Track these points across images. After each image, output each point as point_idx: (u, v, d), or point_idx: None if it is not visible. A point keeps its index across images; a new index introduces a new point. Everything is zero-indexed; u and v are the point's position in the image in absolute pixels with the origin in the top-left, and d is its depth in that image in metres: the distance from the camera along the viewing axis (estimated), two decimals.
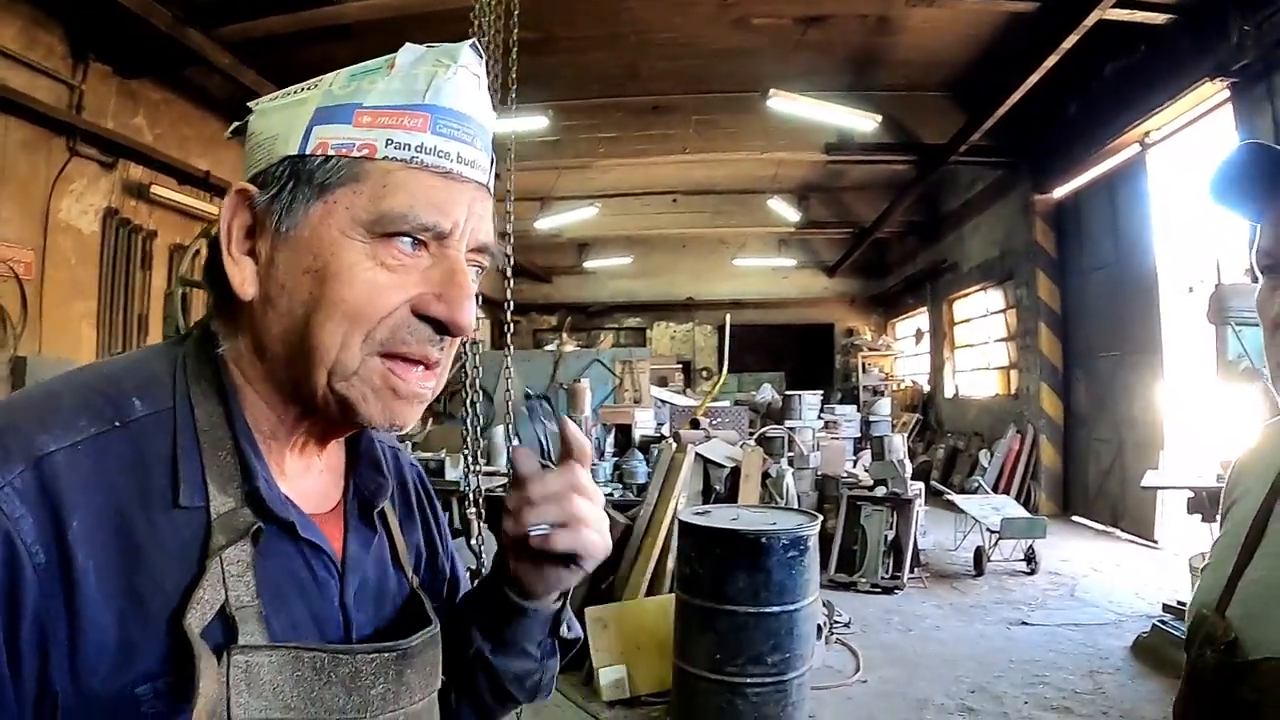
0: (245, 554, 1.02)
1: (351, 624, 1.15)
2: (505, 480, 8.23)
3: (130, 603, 0.95)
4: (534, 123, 12.95)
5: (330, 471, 1.24)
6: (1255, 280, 1.48)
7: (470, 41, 1.14)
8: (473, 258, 1.13)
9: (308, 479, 1.19)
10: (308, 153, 1.05)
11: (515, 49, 4.00)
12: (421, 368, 1.10)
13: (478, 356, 3.75)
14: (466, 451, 3.82)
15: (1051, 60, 10.36)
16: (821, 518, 6.30)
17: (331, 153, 1.05)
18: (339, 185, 1.04)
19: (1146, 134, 11.61)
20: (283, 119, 1.09)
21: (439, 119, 1.07)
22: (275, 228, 1.06)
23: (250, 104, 1.14)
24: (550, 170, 16.15)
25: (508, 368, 4.36)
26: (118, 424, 1.01)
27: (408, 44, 1.10)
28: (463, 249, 1.10)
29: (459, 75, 1.09)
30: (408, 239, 1.06)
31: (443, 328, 1.09)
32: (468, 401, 3.63)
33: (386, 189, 1.04)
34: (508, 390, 4.29)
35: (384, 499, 1.27)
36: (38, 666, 0.91)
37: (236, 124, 1.15)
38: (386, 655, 1.11)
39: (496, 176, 1.22)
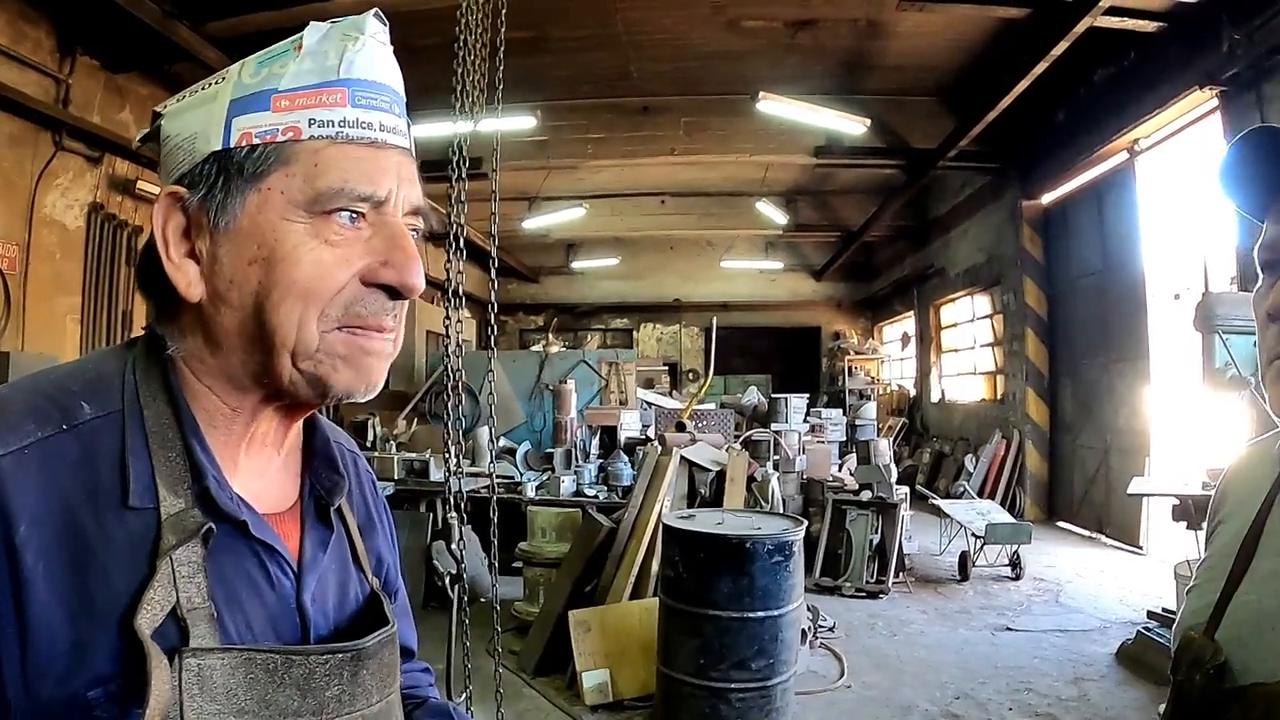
0: (196, 555, 1.01)
1: (309, 625, 1.14)
2: (489, 482, 8.20)
3: (81, 604, 0.95)
4: (521, 122, 12.92)
5: (286, 471, 1.24)
6: (1242, 288, 1.46)
7: (374, 10, 1.14)
8: (409, 221, 1.15)
9: (263, 479, 1.19)
10: (232, 145, 1.06)
11: (503, 48, 3.96)
12: (376, 332, 1.12)
13: (460, 358, 3.71)
14: (448, 453, 3.78)
15: (1041, 67, 10.35)
16: (807, 522, 6.29)
17: (256, 141, 1.06)
18: (270, 172, 1.06)
19: (1135, 141, 11.64)
20: (198, 117, 1.09)
21: (356, 91, 1.09)
22: (213, 225, 1.07)
23: (157, 108, 1.15)
24: (539, 170, 16.11)
25: (490, 370, 4.32)
26: (65, 427, 1.01)
27: (312, 23, 1.11)
28: (400, 214, 1.12)
29: (369, 46, 1.11)
30: (346, 213, 1.08)
31: (395, 293, 1.11)
32: (449, 403, 3.58)
33: (318, 167, 1.06)
34: (491, 392, 4.23)
35: (340, 496, 1.27)
36: None
37: (145, 131, 1.17)
38: (341, 656, 1.11)
39: (484, 175, 1.29)
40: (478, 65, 3.66)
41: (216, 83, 1.10)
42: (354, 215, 1.08)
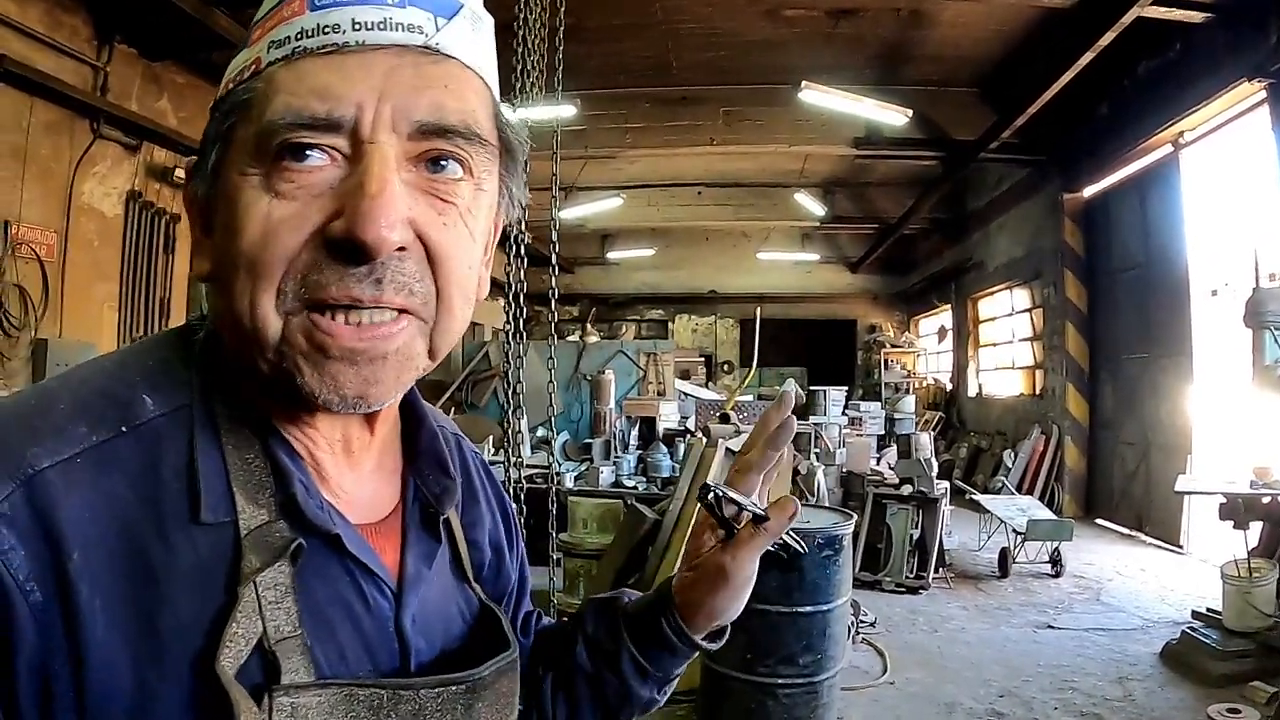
0: (284, 576, 0.84)
1: (410, 652, 0.97)
2: (534, 471, 8.17)
3: (145, 643, 0.78)
4: (562, 111, 12.88)
5: (382, 471, 1.04)
6: None
7: None
8: (431, 146, 0.87)
9: (354, 482, 1.00)
10: (220, 99, 0.90)
11: (562, 28, 3.94)
12: (363, 313, 0.85)
13: (508, 346, 3.68)
14: (507, 443, 3.75)
15: (1087, 57, 10.23)
16: (856, 516, 6.24)
17: (232, 87, 0.88)
18: (234, 120, 0.86)
19: (1180, 134, 11.50)
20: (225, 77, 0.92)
21: None
22: (203, 194, 0.91)
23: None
24: (576, 160, 16.09)
25: (551, 357, 4.29)
26: (124, 429, 0.84)
27: None
28: (387, 139, 0.84)
29: None
30: (299, 151, 0.82)
31: (353, 252, 0.82)
32: (509, 390, 3.55)
33: (267, 99, 0.83)
34: (551, 380, 4.20)
35: (451, 504, 1.08)
36: None
37: None
38: (455, 689, 0.94)
39: (525, 163, 1.02)
40: (538, 45, 3.64)
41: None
42: (309, 150, 0.82)
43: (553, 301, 4.15)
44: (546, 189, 4.21)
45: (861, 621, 7.79)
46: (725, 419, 10.46)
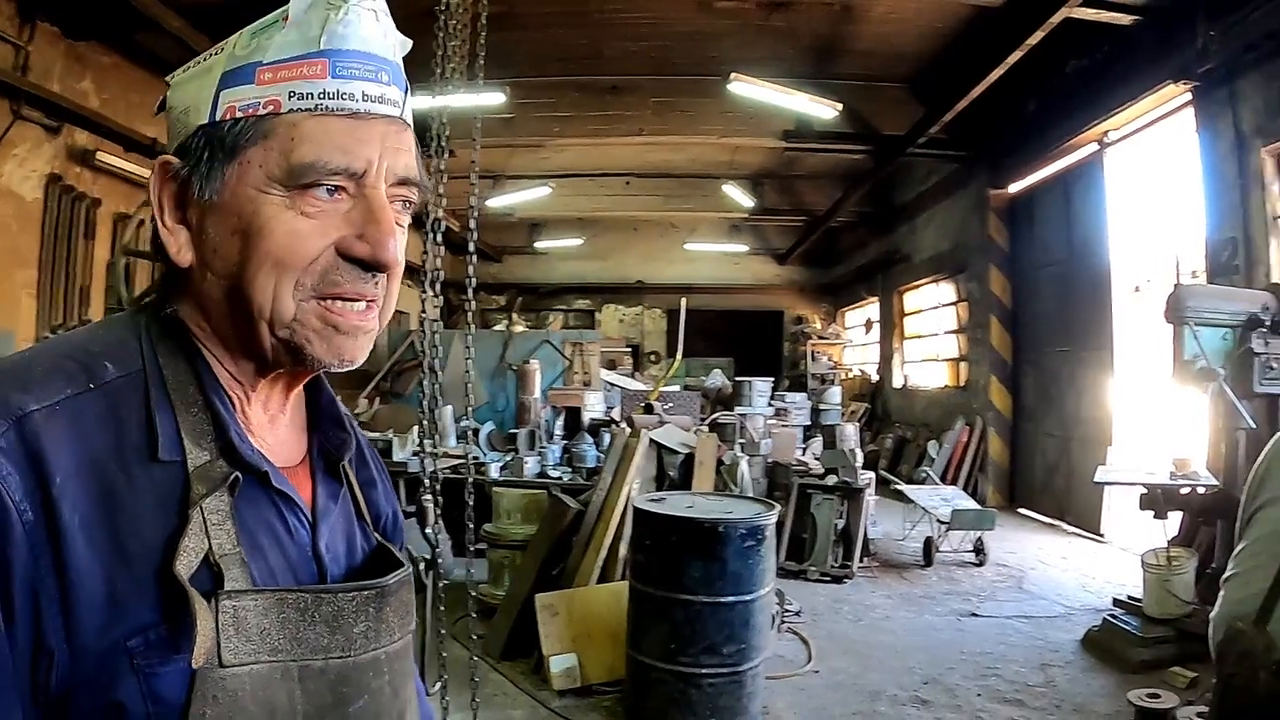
0: (224, 503, 1.06)
1: (325, 571, 1.20)
2: (458, 461, 8.13)
3: (116, 557, 0.98)
4: (490, 99, 12.76)
5: (294, 427, 1.29)
6: (1210, 281, 1.40)
7: None
8: (396, 192, 1.16)
9: (274, 434, 1.23)
10: (218, 119, 1.09)
11: (484, 15, 3.88)
12: (361, 304, 1.14)
13: (433, 335, 3.63)
14: (421, 434, 3.71)
15: (1015, 56, 10.37)
16: (779, 507, 6.26)
17: (239, 115, 1.08)
18: (249, 145, 1.07)
19: (1105, 133, 11.72)
20: (193, 89, 1.13)
21: (338, 62, 1.09)
22: (199, 195, 1.10)
23: (168, 78, 1.19)
24: (504, 148, 15.99)
25: (469, 345, 4.23)
26: (92, 386, 1.05)
27: None
28: (381, 186, 1.12)
29: (352, 14, 1.10)
30: (324, 187, 1.09)
31: (369, 266, 1.11)
32: (424, 381, 3.50)
33: (295, 141, 1.07)
34: (469, 371, 4.15)
35: (349, 452, 1.33)
36: (31, 628, 0.94)
37: (162, 99, 1.20)
38: (367, 594, 1.16)
39: (452, 154, 1.44)
40: (459, 30, 3.58)
41: (215, 54, 1.13)
42: (332, 189, 1.09)
43: (470, 289, 4.12)
44: (479, 177, 4.17)
45: (786, 611, 7.85)
46: (649, 409, 10.49)
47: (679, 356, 15.30)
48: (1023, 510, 13.77)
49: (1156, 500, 7.41)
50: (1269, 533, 1.37)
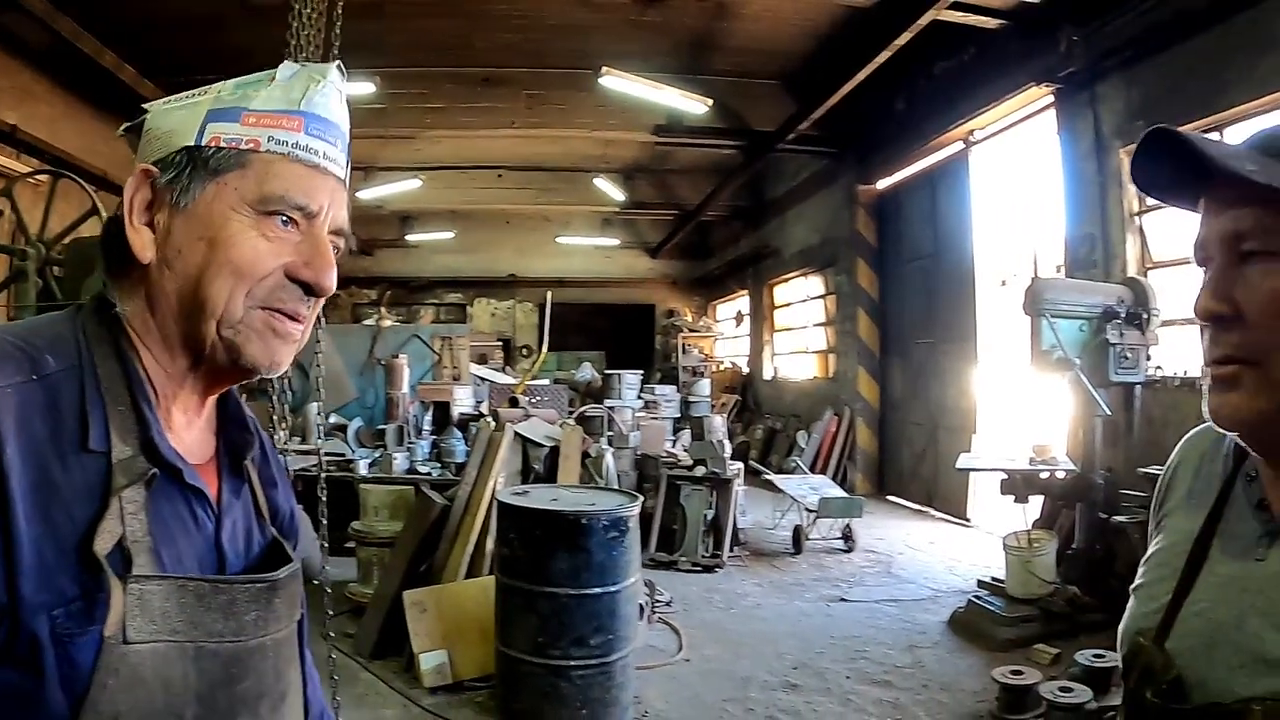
0: (140, 495, 1.17)
1: (225, 561, 1.32)
2: (318, 459, 7.99)
3: (47, 531, 1.09)
4: (359, 89, 12.55)
5: (207, 429, 1.41)
6: (1069, 275, 1.42)
7: (336, 63, 1.40)
8: (332, 238, 1.35)
9: (190, 433, 1.36)
10: (203, 143, 1.26)
11: (340, 7, 3.80)
12: (292, 319, 1.31)
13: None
14: (272, 429, 3.63)
15: (883, 56, 10.61)
16: (641, 498, 6.29)
17: (224, 144, 1.26)
18: (229, 170, 1.26)
19: (970, 133, 12.08)
20: (179, 118, 1.29)
21: (311, 123, 1.30)
22: (174, 203, 1.26)
23: (145, 105, 1.35)
24: (375, 140, 15.74)
25: (318, 341, 4.14)
26: (35, 376, 1.15)
27: (285, 61, 1.35)
28: (325, 229, 1.33)
29: (327, 88, 1.33)
30: (283, 217, 1.28)
31: (310, 289, 1.30)
32: (278, 378, 3.42)
33: (268, 175, 1.26)
34: (318, 365, 4.06)
35: (251, 452, 1.46)
36: None
37: (129, 124, 1.36)
38: (259, 585, 1.29)
39: None
40: (314, 20, 3.51)
41: (200, 95, 1.31)
42: (288, 220, 1.28)
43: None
44: (350, 169, 4.07)
45: (658, 601, 7.88)
46: (514, 403, 10.43)
47: (544, 350, 15.25)
48: (892, 498, 14.10)
49: (1016, 485, 7.68)
50: (1171, 544, 1.39)
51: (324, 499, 4.24)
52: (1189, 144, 1.17)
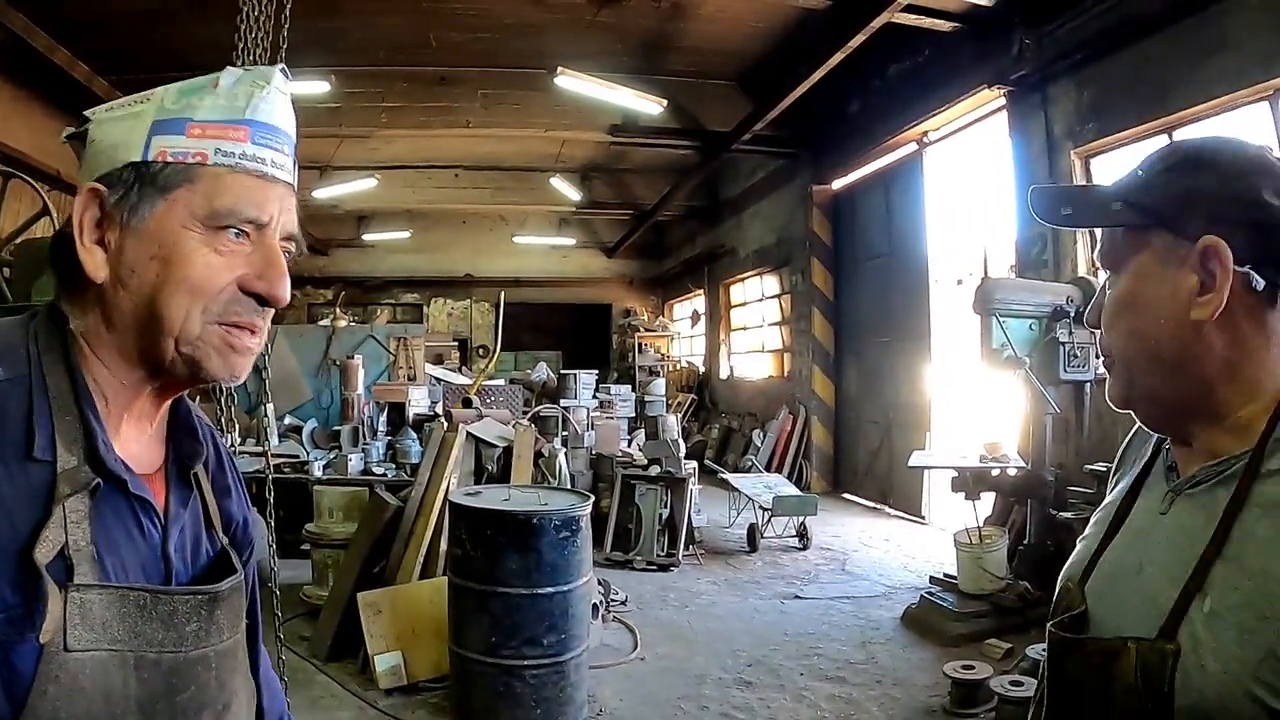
0: (84, 505, 1.17)
1: (172, 571, 1.31)
2: (279, 460, 7.95)
3: None
4: (314, 87, 12.47)
5: (157, 438, 1.40)
6: (1020, 276, 1.55)
7: (280, 66, 1.38)
8: (284, 245, 1.35)
9: (139, 443, 1.35)
10: (150, 159, 1.25)
11: (289, 5, 3.79)
12: (249, 332, 1.31)
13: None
14: (220, 428, 3.62)
15: (837, 57, 10.66)
16: (594, 497, 6.33)
17: (170, 159, 1.25)
18: (177, 186, 1.25)
19: (924, 134, 12.23)
20: (122, 129, 1.28)
21: (257, 131, 1.30)
22: (123, 221, 1.25)
23: (87, 113, 1.33)
24: (330, 138, 15.66)
25: (269, 343, 4.12)
26: None
27: (228, 67, 1.34)
28: (277, 237, 1.32)
29: (272, 94, 1.33)
30: (234, 230, 1.27)
31: (264, 300, 1.31)
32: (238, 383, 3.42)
33: (217, 190, 1.26)
34: (265, 368, 4.06)
35: (199, 461, 1.45)
36: None
37: (72, 130, 1.34)
38: (200, 597, 1.29)
39: None
40: (263, 23, 3.49)
41: (142, 102, 1.29)
42: (240, 232, 1.28)
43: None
44: (305, 168, 4.07)
45: (613, 600, 7.90)
46: (468, 403, 10.41)
47: (496, 349, 15.23)
48: (847, 495, 14.20)
49: (966, 482, 7.77)
50: (1110, 502, 1.52)
51: (272, 500, 4.23)
52: (1049, 197, 1.42)
